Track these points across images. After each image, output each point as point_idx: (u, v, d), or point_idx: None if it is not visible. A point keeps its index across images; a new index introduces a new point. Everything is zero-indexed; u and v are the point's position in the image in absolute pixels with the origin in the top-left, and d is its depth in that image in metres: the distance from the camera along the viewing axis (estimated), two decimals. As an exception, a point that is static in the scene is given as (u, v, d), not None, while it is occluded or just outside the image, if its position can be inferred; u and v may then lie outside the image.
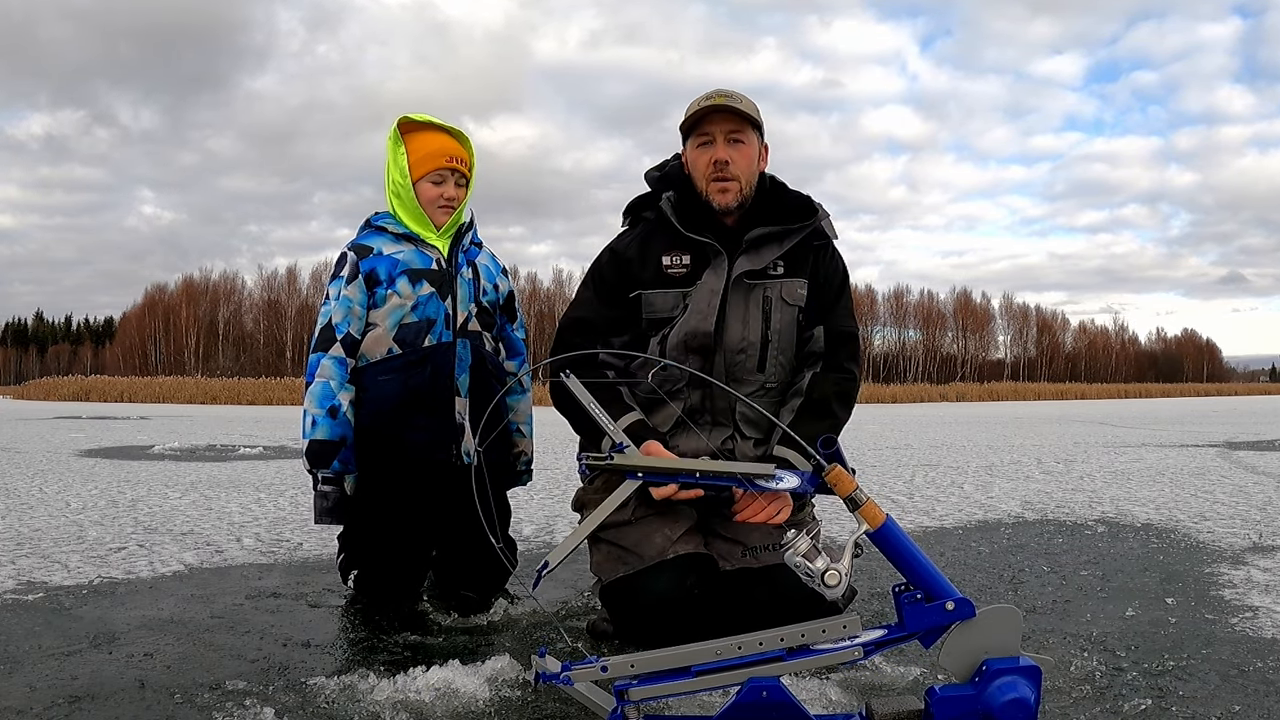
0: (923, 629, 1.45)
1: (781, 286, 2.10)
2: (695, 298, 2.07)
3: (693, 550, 1.98)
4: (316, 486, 2.32)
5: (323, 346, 2.31)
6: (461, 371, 2.35)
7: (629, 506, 1.99)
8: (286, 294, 63.12)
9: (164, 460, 7.38)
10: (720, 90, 2.10)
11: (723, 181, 2.06)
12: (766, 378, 2.11)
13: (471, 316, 2.39)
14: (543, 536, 3.54)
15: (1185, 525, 3.73)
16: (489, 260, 2.52)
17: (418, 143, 2.38)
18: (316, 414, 2.28)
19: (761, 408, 1.98)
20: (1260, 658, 1.92)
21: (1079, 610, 2.36)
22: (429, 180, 2.37)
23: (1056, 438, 10.32)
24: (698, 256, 2.10)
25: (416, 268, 2.34)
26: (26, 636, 2.12)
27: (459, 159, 2.40)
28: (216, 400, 33.15)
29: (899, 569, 1.47)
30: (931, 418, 17.71)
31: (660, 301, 2.10)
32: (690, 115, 2.09)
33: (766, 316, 2.08)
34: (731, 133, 2.06)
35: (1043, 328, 77.63)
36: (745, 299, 2.08)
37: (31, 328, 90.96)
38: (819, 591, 1.45)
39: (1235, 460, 6.90)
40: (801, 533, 1.48)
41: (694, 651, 1.45)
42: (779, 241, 2.09)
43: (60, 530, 3.69)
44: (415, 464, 2.31)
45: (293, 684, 1.78)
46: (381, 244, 2.37)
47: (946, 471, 6.25)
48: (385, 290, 2.32)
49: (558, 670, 1.44)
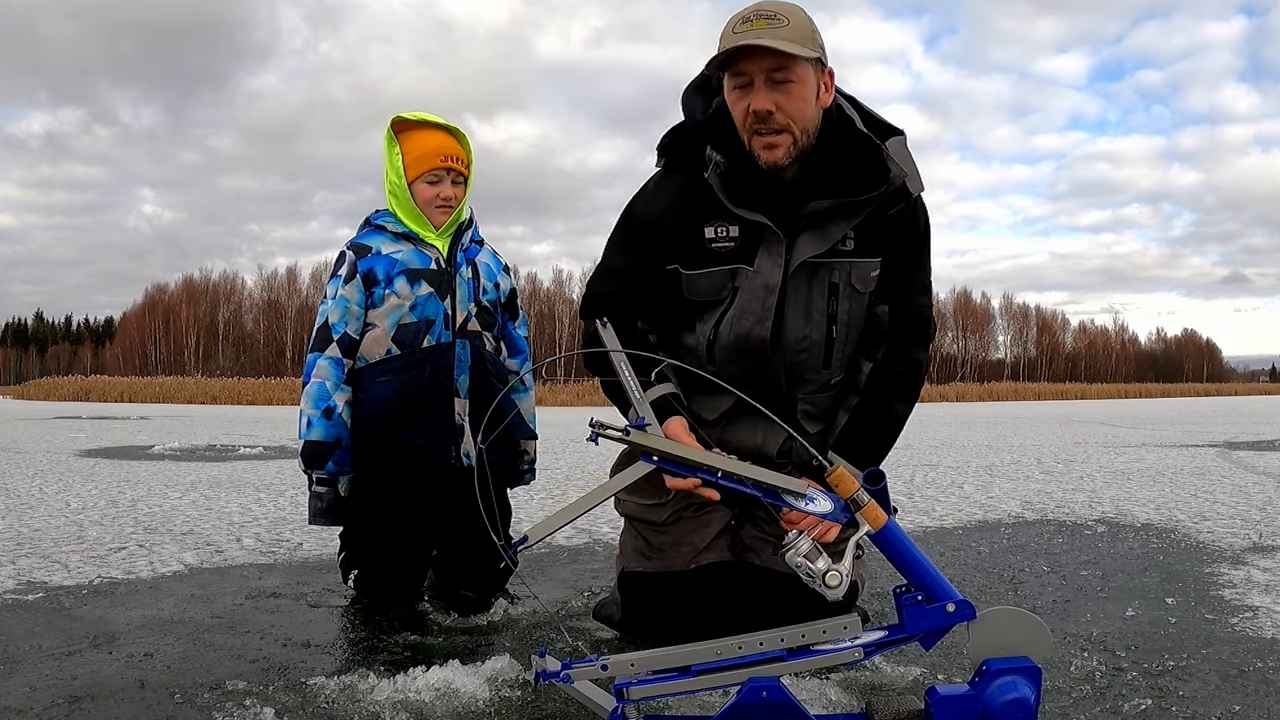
0: (923, 631, 1.45)
1: (852, 270, 1.79)
2: (747, 292, 1.78)
3: (716, 559, 1.96)
4: (311, 487, 2.33)
5: (319, 347, 2.31)
6: (461, 372, 2.33)
7: (665, 507, 1.97)
8: (286, 294, 63.21)
9: (164, 460, 7.38)
10: (760, 10, 1.63)
11: (768, 135, 1.67)
12: (832, 374, 1.88)
13: (471, 316, 2.37)
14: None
15: (1185, 525, 3.72)
16: (490, 258, 2.50)
17: (413, 142, 2.35)
18: (312, 415, 2.28)
19: (825, 400, 1.87)
20: (1260, 658, 1.91)
21: (1079, 610, 2.35)
22: (425, 180, 2.34)
23: (1056, 438, 10.31)
24: (748, 229, 1.77)
25: (415, 267, 2.32)
26: (26, 636, 2.12)
27: (455, 157, 2.36)
28: (216, 400, 33.16)
29: (900, 570, 1.47)
30: (931, 418, 17.70)
31: (704, 284, 1.81)
32: (719, 53, 1.65)
33: (832, 309, 1.79)
34: (774, 71, 1.63)
35: (1043, 328, 77.73)
36: (807, 286, 1.78)
37: (31, 328, 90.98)
38: (819, 592, 1.45)
39: (1235, 460, 6.90)
40: (802, 533, 1.48)
41: (694, 651, 1.45)
42: (846, 217, 1.74)
43: (60, 530, 3.69)
44: (414, 465, 2.31)
45: (293, 684, 1.78)
46: (380, 243, 2.35)
47: (946, 471, 6.25)
48: (383, 290, 2.30)
49: (558, 669, 1.44)
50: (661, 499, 1.97)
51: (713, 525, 1.99)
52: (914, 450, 8.29)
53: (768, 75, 1.63)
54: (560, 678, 1.44)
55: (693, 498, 1.82)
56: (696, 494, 1.61)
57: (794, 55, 1.61)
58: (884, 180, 1.74)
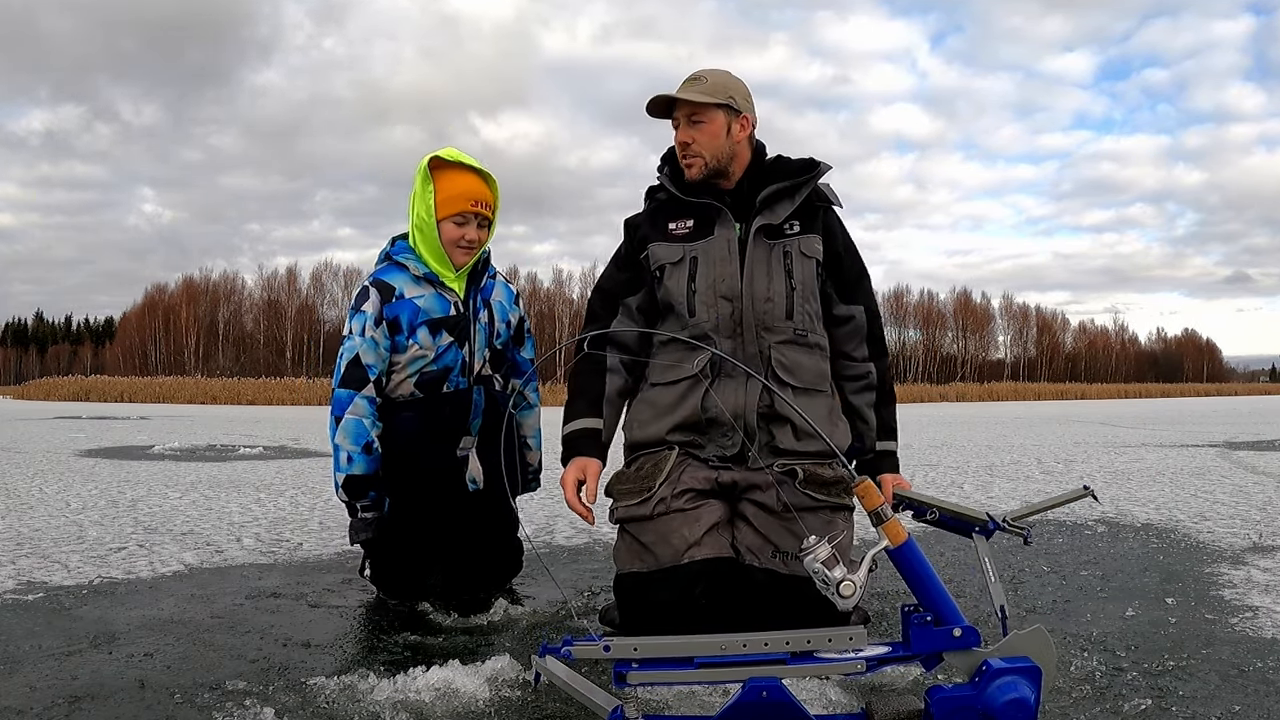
0: (926, 651, 1.46)
1: (799, 242, 2.20)
2: (711, 248, 2.18)
3: (712, 554, 1.98)
4: (356, 515, 2.44)
5: (355, 385, 2.40)
6: (475, 416, 2.50)
7: (651, 501, 2.03)
8: (286, 294, 63.10)
9: (164, 460, 7.38)
10: (693, 75, 2.24)
11: (687, 159, 2.21)
12: (796, 324, 2.17)
13: (486, 363, 2.53)
14: (543, 536, 3.55)
15: (1185, 525, 3.73)
16: (503, 292, 2.62)
17: (446, 181, 2.44)
18: (352, 450, 2.38)
19: (795, 355, 2.14)
20: (1260, 658, 1.92)
21: (1079, 610, 2.36)
22: (452, 221, 2.43)
23: (1056, 438, 10.32)
24: (701, 219, 2.21)
25: (436, 317, 2.44)
26: (26, 636, 2.12)
27: (484, 202, 2.46)
28: (216, 400, 33.16)
29: (913, 590, 1.47)
30: (931, 418, 17.71)
31: (663, 251, 2.22)
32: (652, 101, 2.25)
33: (789, 270, 2.17)
34: (690, 115, 2.20)
35: (1043, 328, 77.61)
36: (767, 255, 2.18)
37: (31, 328, 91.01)
38: (832, 600, 1.46)
39: (1235, 460, 6.90)
40: (823, 540, 1.48)
41: (699, 643, 1.45)
42: (790, 197, 2.21)
43: (60, 530, 3.69)
44: (429, 484, 2.45)
45: (293, 684, 1.78)
46: (403, 285, 2.45)
47: (946, 471, 6.25)
48: (406, 339, 2.43)
49: (559, 645, 1.45)
50: (647, 494, 2.03)
51: (704, 519, 2.01)
52: (914, 450, 8.29)
53: (686, 117, 2.19)
54: (561, 652, 1.44)
55: (681, 487, 2.04)
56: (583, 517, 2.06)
57: (700, 103, 2.17)
58: (814, 166, 2.23)
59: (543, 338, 54.66)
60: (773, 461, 2.08)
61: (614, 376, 2.19)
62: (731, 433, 2.09)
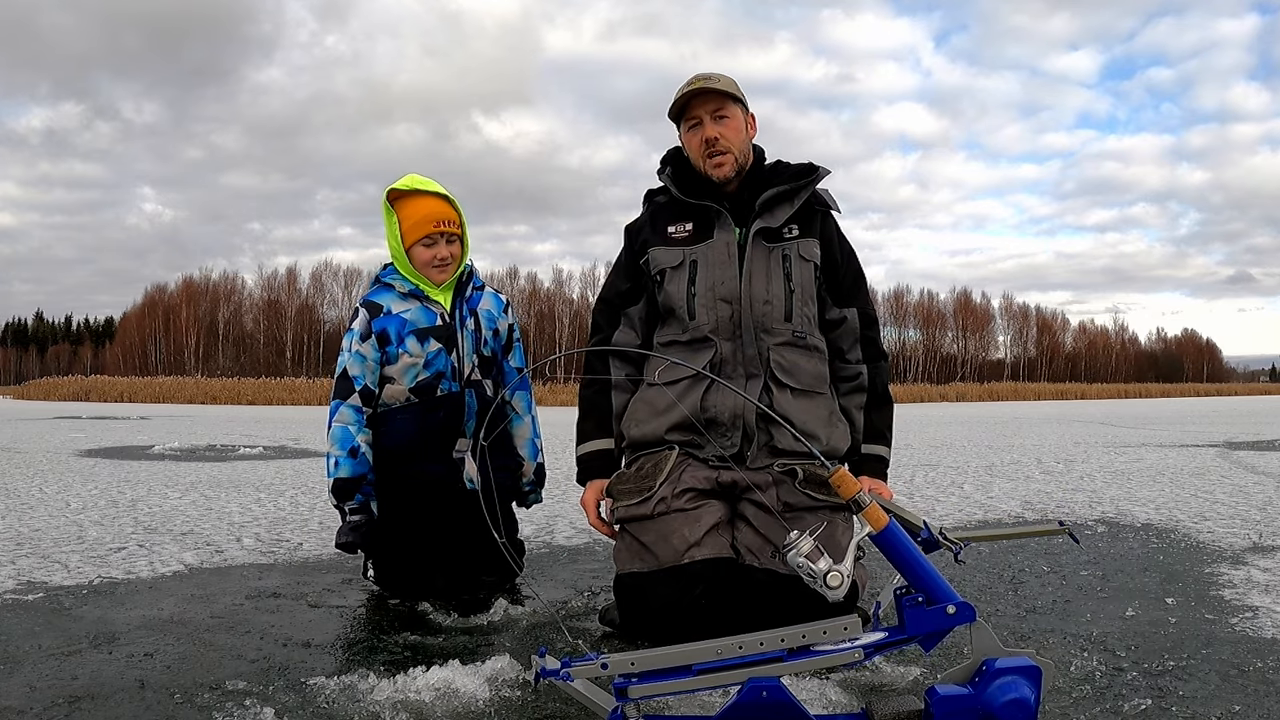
0: (923, 632, 1.45)
1: (798, 245, 2.22)
2: (711, 251, 2.19)
3: (712, 555, 1.98)
4: (345, 518, 2.50)
5: (342, 395, 2.52)
6: (469, 418, 2.56)
7: (653, 499, 2.04)
8: (286, 294, 63.12)
9: (164, 460, 7.38)
10: (699, 75, 2.24)
11: (716, 156, 2.19)
12: (795, 326, 2.18)
13: (475, 367, 2.58)
14: (543, 536, 3.55)
15: (1185, 525, 3.73)
16: (491, 303, 2.69)
17: (407, 210, 2.55)
18: (338, 455, 2.48)
19: (794, 356, 2.15)
20: (1260, 658, 1.92)
21: (1079, 610, 2.36)
22: (421, 244, 2.54)
23: (1056, 438, 10.32)
24: (700, 222, 2.22)
25: (423, 326, 2.54)
26: (26, 636, 2.12)
27: (447, 220, 2.56)
28: (216, 400, 33.18)
29: (901, 572, 1.47)
30: (931, 418, 17.72)
31: (663, 256, 2.22)
32: (675, 103, 2.24)
33: (787, 273, 2.18)
34: (716, 111, 2.19)
35: (1043, 328, 77.63)
36: (766, 258, 2.19)
37: (31, 327, 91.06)
38: (820, 593, 1.45)
39: (1235, 460, 6.90)
40: (805, 534, 1.48)
41: (695, 650, 1.45)
42: (789, 200, 2.21)
43: (60, 530, 3.69)
44: (429, 487, 2.51)
45: (293, 684, 1.78)
46: (390, 302, 2.56)
47: (946, 471, 6.25)
48: (396, 349, 2.52)
49: (558, 667, 1.44)
50: (647, 494, 2.04)
51: (704, 519, 2.01)
52: (914, 450, 8.29)
53: (712, 114, 2.19)
54: (560, 675, 1.44)
55: (682, 486, 2.05)
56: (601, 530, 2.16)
57: (728, 95, 2.20)
58: (813, 171, 2.24)
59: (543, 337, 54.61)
60: (772, 462, 2.08)
61: (619, 394, 2.26)
62: (730, 432, 2.10)
